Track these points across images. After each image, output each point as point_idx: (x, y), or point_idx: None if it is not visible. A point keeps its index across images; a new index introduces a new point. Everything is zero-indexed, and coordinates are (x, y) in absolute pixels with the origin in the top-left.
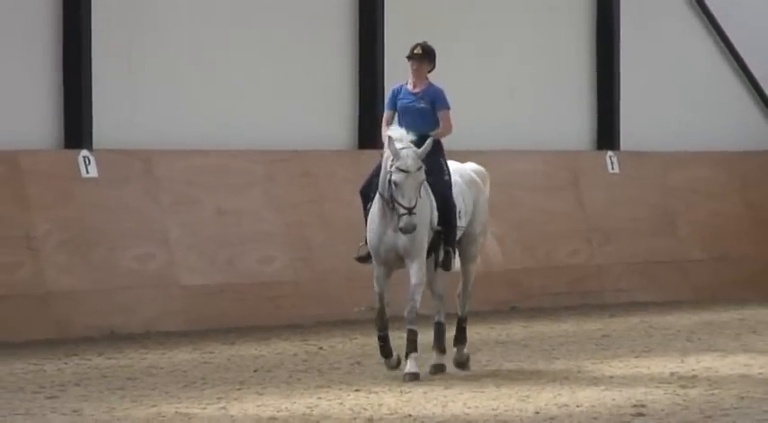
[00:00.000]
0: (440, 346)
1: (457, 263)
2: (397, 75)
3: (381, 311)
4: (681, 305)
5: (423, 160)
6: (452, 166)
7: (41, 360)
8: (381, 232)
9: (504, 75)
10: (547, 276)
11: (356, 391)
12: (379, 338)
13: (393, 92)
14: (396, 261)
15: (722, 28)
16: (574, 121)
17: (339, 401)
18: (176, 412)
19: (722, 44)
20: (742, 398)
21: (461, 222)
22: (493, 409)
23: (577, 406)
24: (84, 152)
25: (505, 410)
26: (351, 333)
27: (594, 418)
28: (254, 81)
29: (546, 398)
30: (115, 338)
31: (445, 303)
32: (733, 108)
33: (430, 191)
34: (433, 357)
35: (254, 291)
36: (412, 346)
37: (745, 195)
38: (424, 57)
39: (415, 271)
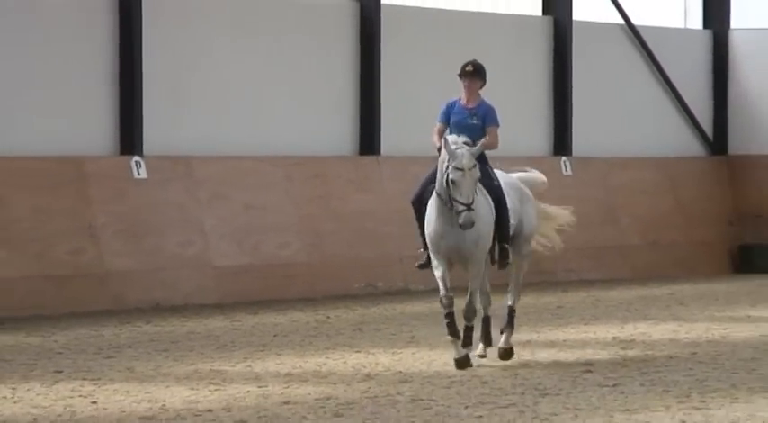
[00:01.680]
0: (486, 339)
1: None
2: (392, 98)
3: (445, 293)
4: (621, 282)
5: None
6: (497, 173)
7: (100, 327)
8: (440, 228)
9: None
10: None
11: (357, 352)
12: (445, 316)
13: (447, 106)
14: (457, 258)
15: (654, 55)
16: (534, 132)
17: (343, 360)
18: (210, 369)
19: (654, 69)
20: (671, 357)
21: (511, 220)
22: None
23: (537, 364)
24: (136, 158)
25: (478, 367)
26: (353, 305)
27: (552, 374)
28: (276, 100)
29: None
30: (160, 309)
31: (491, 298)
32: (664, 121)
33: (487, 194)
34: (480, 349)
35: (273, 270)
36: (467, 340)
37: (674, 193)
38: (474, 74)
39: (474, 275)
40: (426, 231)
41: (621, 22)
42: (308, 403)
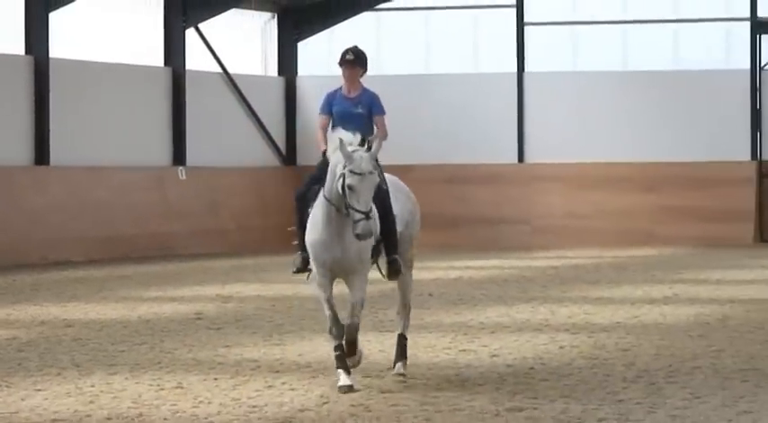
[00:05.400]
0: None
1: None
2: (60, 122)
3: (334, 319)
4: (220, 255)
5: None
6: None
7: None
8: (327, 240)
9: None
10: (195, 237)
11: (34, 305)
12: (335, 349)
13: (327, 96)
14: (340, 271)
15: (245, 96)
16: (155, 147)
17: (25, 312)
18: None
19: (245, 106)
20: (258, 308)
21: (399, 227)
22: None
23: (163, 313)
24: None
25: (163, 311)
26: (30, 272)
27: (173, 320)
28: None
29: (145, 308)
30: None
31: (409, 315)
32: (253, 142)
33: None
34: (398, 367)
35: None
36: (352, 350)
37: (259, 193)
38: (355, 62)
39: (357, 288)
40: (308, 239)
41: (221, 71)
42: None
